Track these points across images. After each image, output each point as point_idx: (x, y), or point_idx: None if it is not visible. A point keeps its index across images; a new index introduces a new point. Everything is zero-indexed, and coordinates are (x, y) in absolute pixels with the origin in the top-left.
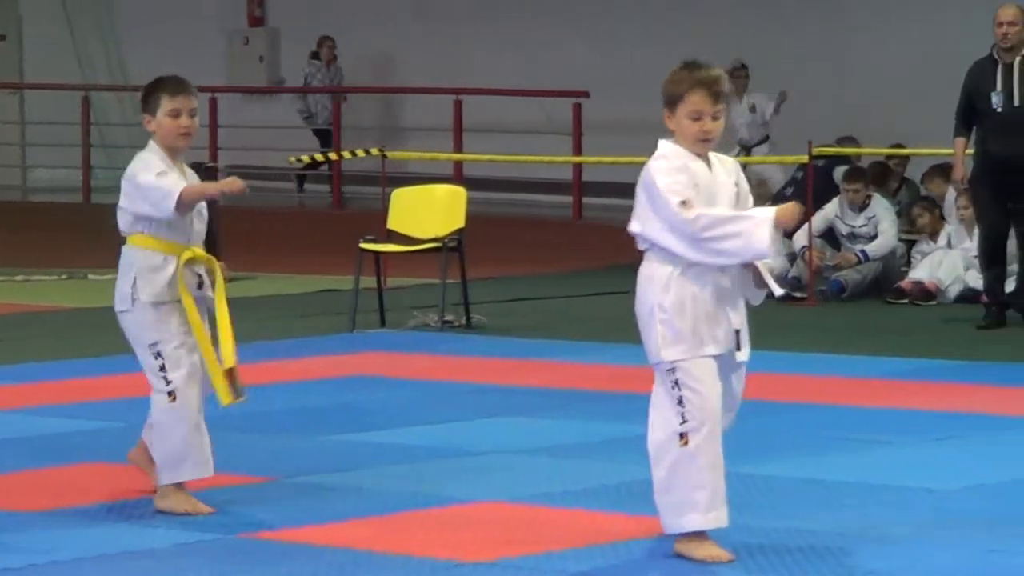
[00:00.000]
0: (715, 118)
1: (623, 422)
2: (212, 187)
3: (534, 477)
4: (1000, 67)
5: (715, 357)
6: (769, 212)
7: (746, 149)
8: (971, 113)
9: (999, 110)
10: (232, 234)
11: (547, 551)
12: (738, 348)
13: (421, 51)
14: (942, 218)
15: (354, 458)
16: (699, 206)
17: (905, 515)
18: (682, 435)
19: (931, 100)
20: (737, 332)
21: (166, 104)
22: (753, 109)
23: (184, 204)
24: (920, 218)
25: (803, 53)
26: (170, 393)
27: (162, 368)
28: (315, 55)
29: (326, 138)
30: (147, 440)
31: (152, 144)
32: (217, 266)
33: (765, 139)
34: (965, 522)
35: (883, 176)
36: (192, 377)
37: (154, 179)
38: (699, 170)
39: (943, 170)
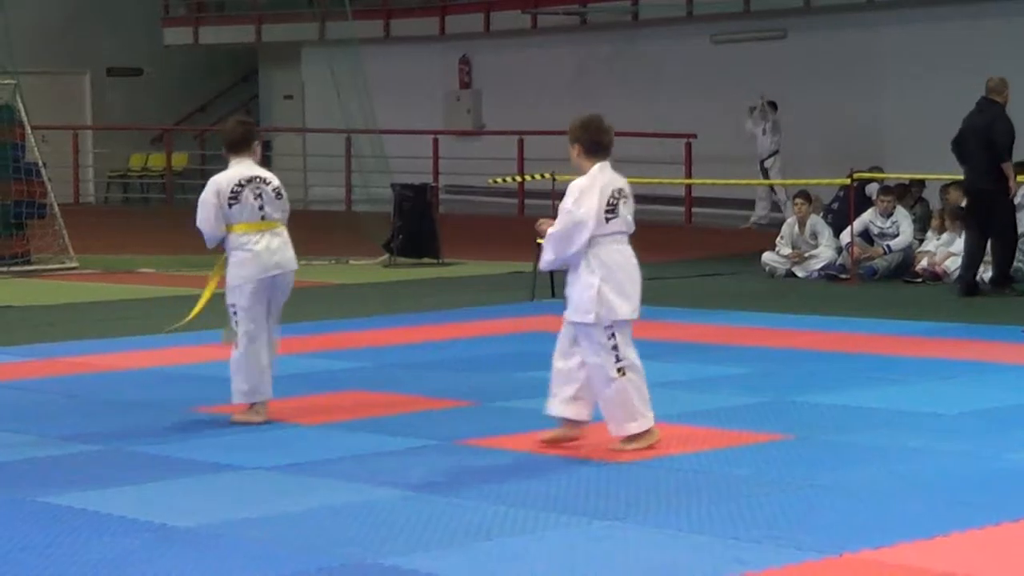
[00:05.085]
0: None
1: (719, 365)
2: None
3: (664, 401)
4: None
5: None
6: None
7: (761, 160)
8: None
9: None
10: (448, 233)
11: (668, 453)
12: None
13: (576, 110)
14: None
15: (531, 389)
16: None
17: (919, 431)
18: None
19: (936, 139)
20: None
21: None
22: (764, 131)
23: None
24: (934, 220)
25: (844, 100)
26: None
27: None
28: None
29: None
30: None
31: None
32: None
33: (775, 152)
34: (963, 437)
35: (904, 193)
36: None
37: None
38: None
39: (959, 184)
